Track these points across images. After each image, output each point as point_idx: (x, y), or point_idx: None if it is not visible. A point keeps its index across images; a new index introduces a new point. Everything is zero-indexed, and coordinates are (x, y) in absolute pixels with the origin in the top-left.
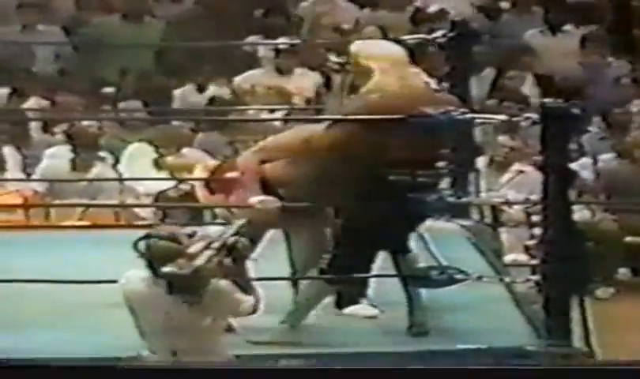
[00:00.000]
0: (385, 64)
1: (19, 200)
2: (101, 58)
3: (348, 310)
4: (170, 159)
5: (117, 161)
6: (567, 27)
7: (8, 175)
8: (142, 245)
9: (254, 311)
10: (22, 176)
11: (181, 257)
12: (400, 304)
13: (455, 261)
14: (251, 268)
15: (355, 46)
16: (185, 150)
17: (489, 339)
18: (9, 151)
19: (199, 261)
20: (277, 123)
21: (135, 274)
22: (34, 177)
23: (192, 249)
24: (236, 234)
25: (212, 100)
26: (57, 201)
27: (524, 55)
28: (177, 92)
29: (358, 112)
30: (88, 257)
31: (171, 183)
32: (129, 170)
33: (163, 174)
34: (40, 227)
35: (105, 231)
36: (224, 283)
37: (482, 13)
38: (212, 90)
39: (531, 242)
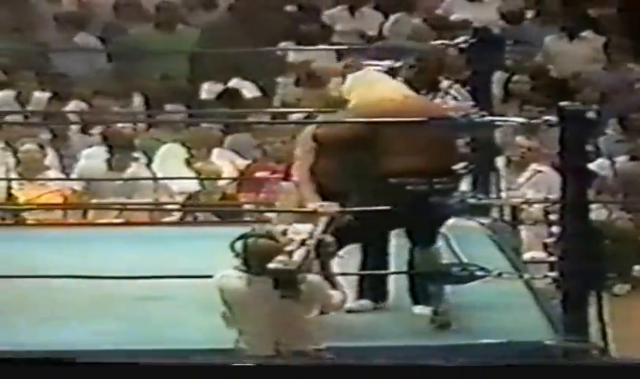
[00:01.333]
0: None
1: (59, 199)
2: (136, 65)
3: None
4: (199, 164)
5: (150, 161)
6: (585, 33)
7: (49, 175)
8: (240, 244)
9: (341, 306)
10: (62, 176)
11: (280, 254)
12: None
13: (476, 258)
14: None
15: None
16: (215, 151)
17: (509, 333)
18: (49, 152)
19: (297, 258)
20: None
21: (230, 273)
22: (72, 176)
23: (289, 247)
24: (324, 231)
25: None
26: (94, 200)
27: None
28: (205, 86)
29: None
30: (123, 252)
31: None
32: (162, 170)
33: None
34: (78, 224)
35: (140, 228)
36: (317, 279)
37: (504, 19)
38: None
39: (549, 240)
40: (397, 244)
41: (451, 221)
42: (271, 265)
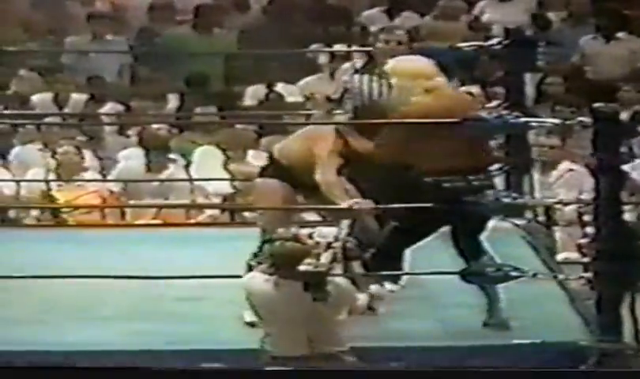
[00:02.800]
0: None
1: (98, 200)
2: (172, 66)
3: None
4: (235, 166)
5: (188, 163)
6: (621, 34)
7: (87, 177)
8: (267, 247)
9: (365, 309)
10: (99, 177)
11: (308, 256)
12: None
13: (510, 259)
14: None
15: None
16: (251, 152)
17: (543, 334)
18: (87, 153)
19: (325, 260)
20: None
21: (257, 276)
22: (110, 178)
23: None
24: (349, 234)
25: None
26: (132, 201)
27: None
28: (249, 90)
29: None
30: (160, 253)
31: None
32: (198, 172)
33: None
34: (117, 225)
35: (177, 229)
36: (344, 281)
37: (535, 22)
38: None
39: (583, 241)
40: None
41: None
42: (301, 268)
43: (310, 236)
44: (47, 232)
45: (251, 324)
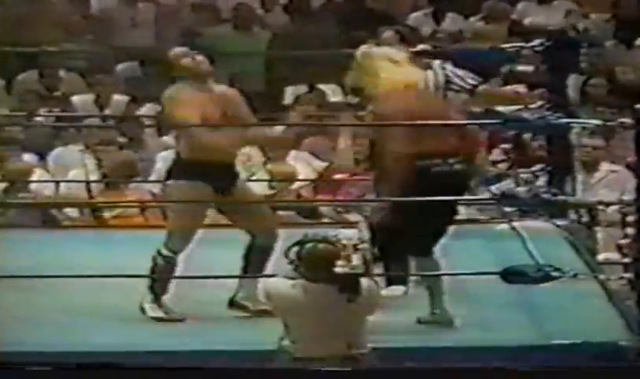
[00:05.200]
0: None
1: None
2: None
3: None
4: (272, 166)
5: None
6: None
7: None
8: (296, 250)
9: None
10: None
11: (339, 258)
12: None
13: (551, 259)
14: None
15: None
16: (292, 153)
17: (584, 334)
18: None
19: (355, 262)
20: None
21: (280, 281)
22: (150, 179)
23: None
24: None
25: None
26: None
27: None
28: (289, 89)
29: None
30: (200, 254)
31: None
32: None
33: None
34: (157, 226)
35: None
36: (372, 283)
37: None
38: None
39: (624, 241)
40: None
41: (527, 223)
42: (337, 269)
43: (336, 238)
44: (89, 233)
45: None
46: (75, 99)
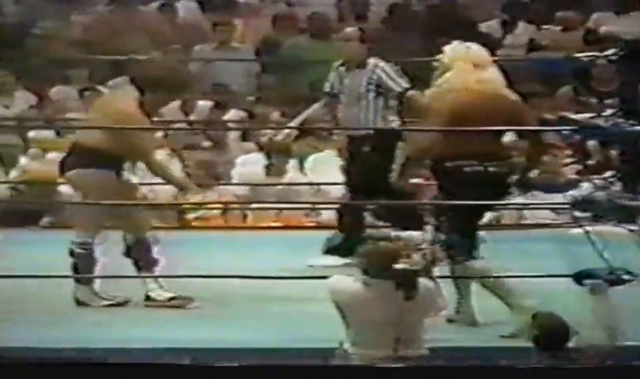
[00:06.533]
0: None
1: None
2: (293, 74)
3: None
4: None
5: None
6: None
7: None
8: (358, 248)
9: (442, 310)
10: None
11: (401, 257)
12: None
13: (623, 263)
14: None
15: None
16: None
17: None
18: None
19: (416, 261)
20: None
21: (343, 278)
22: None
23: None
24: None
25: None
26: (253, 205)
27: None
28: None
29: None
30: (281, 254)
31: None
32: (315, 177)
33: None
34: (240, 227)
35: (297, 231)
36: (431, 283)
37: None
38: None
39: None
40: None
41: (600, 227)
42: (398, 266)
43: (397, 238)
44: (173, 235)
45: None
46: None
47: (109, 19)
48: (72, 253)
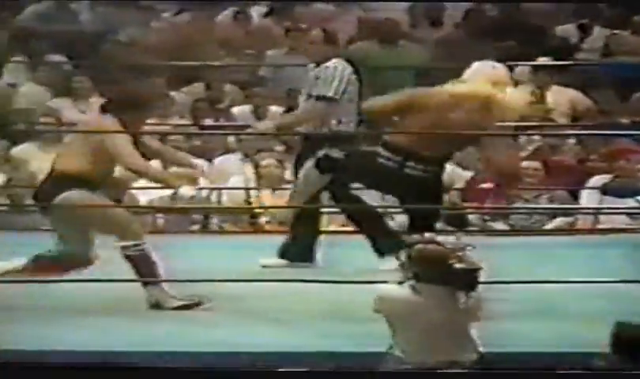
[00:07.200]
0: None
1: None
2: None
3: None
4: None
5: None
6: None
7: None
8: (406, 253)
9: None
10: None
11: (451, 258)
12: None
13: None
14: None
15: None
16: None
17: None
18: (287, 166)
19: (473, 261)
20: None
21: (390, 286)
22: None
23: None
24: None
25: None
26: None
27: None
28: None
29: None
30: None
31: None
32: None
33: None
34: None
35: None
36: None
37: None
38: None
39: None
40: None
41: None
42: (458, 266)
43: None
44: (245, 239)
45: None
46: (235, 110)
47: (185, 26)
48: (128, 258)
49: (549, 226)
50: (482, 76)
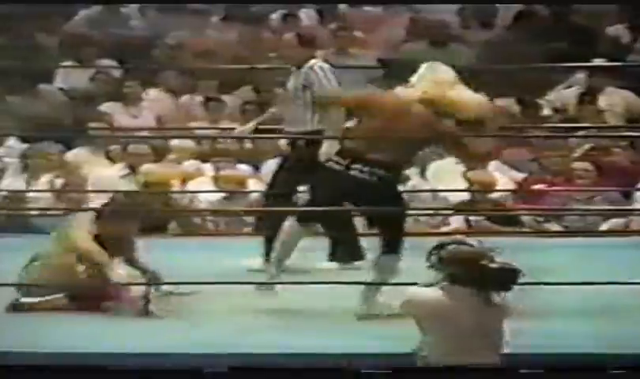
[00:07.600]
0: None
1: None
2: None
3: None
4: (471, 173)
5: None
6: None
7: None
8: (438, 254)
9: None
10: None
11: (483, 259)
12: None
13: None
14: None
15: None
16: (492, 163)
17: None
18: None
19: (505, 261)
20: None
21: (420, 289)
22: None
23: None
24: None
25: None
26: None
27: None
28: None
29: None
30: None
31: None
32: (436, 183)
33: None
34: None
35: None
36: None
37: None
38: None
39: None
40: None
41: None
42: (492, 265)
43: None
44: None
45: None
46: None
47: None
48: None
49: (603, 227)
50: (428, 78)
